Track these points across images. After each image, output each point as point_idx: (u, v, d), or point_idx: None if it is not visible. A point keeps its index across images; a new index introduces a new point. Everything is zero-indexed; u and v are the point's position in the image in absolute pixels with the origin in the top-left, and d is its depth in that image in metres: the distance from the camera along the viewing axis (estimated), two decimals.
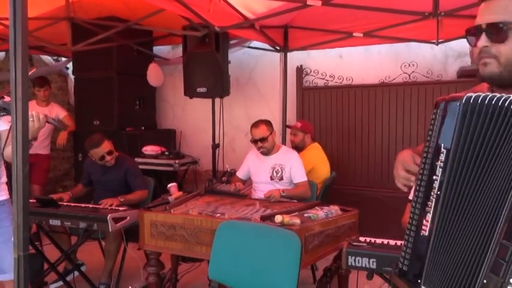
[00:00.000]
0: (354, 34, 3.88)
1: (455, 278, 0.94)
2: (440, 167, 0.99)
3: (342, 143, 4.35)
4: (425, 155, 1.03)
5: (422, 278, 1.02)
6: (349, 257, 1.99)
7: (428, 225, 1.01)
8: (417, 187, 1.04)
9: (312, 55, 4.53)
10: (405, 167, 1.17)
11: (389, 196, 3.99)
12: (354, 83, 4.33)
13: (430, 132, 1.03)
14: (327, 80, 4.46)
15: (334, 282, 2.64)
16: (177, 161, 4.20)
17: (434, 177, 1.01)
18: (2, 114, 2.01)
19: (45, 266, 3.11)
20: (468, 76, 3.67)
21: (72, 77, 4.96)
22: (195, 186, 4.55)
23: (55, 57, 5.31)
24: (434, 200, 1.00)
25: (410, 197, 2.36)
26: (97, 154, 3.14)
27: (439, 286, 0.98)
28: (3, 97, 2.01)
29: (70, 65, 5.11)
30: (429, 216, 1.01)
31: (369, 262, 1.95)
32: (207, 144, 4.64)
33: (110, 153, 3.18)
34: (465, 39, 1.10)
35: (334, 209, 2.50)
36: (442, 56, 4.09)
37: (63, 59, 5.24)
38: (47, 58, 5.29)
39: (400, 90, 4.11)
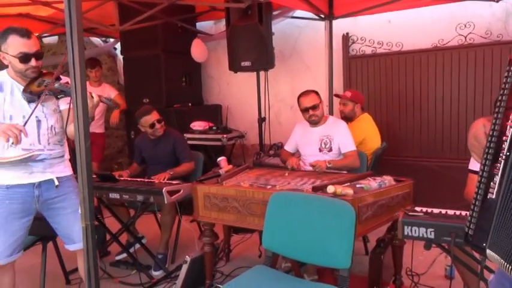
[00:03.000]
0: None
1: None
2: (510, 126, 0.96)
3: (393, 112, 4.19)
4: (495, 115, 1.00)
5: (487, 241, 1.01)
6: (406, 227, 1.94)
7: (496, 187, 0.99)
8: (486, 149, 1.02)
9: (358, 22, 4.35)
10: (477, 139, 1.12)
11: (445, 166, 3.84)
12: (404, 48, 4.12)
13: (502, 91, 0.99)
14: (375, 47, 4.28)
15: (387, 253, 2.60)
16: (224, 136, 4.25)
17: (504, 138, 0.98)
18: (60, 96, 2.12)
19: (108, 237, 3.32)
20: None
21: (120, 57, 5.10)
22: (242, 160, 4.61)
23: (103, 39, 5.47)
24: (503, 161, 0.98)
25: (470, 166, 2.27)
26: (147, 122, 3.27)
27: (505, 249, 0.96)
28: (59, 78, 2.11)
29: (118, 46, 5.27)
30: (497, 179, 0.99)
31: (426, 232, 1.89)
32: (252, 118, 4.66)
33: (159, 121, 3.30)
34: None
35: (388, 179, 2.44)
36: (502, 14, 3.77)
37: (111, 40, 5.39)
38: (96, 40, 5.47)
39: (456, 53, 3.86)
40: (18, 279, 2.30)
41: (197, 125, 4.45)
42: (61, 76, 2.11)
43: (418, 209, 2.04)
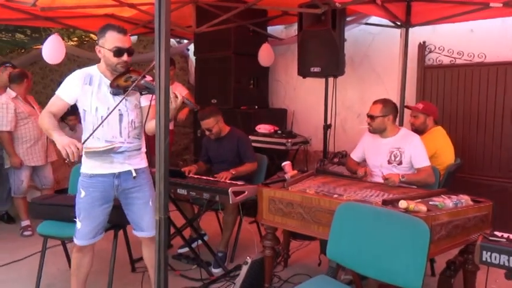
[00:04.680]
0: (491, 4, 3.42)
1: None
2: None
3: (470, 127, 3.93)
4: None
5: None
6: (484, 252, 1.82)
7: None
8: None
9: (436, 30, 4.14)
10: None
11: None
12: (486, 60, 3.86)
13: None
14: (454, 58, 4.05)
15: (457, 277, 2.45)
16: (289, 140, 4.25)
17: None
18: (144, 92, 2.24)
19: (172, 230, 3.44)
20: None
21: (192, 57, 5.30)
22: (305, 166, 4.57)
23: (178, 40, 5.72)
24: None
25: None
26: (201, 125, 3.44)
27: None
28: (144, 76, 2.22)
29: (190, 47, 5.47)
30: None
31: (508, 260, 1.76)
32: (317, 124, 4.61)
33: (209, 130, 3.39)
34: None
35: (465, 199, 2.29)
36: None
37: (185, 41, 5.61)
38: (170, 40, 5.72)
39: None
40: None
41: (262, 128, 4.49)
42: (146, 75, 2.23)
43: (498, 233, 1.90)
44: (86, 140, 2.14)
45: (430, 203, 2.27)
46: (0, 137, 3.80)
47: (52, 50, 4.27)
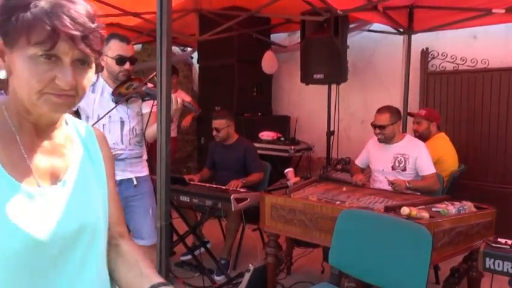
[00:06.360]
0: (494, 11, 3.44)
1: None
2: None
3: (474, 133, 3.92)
4: None
5: None
6: (487, 258, 1.80)
7: None
8: None
9: (439, 36, 4.15)
10: None
11: None
12: (490, 66, 3.85)
13: None
14: (457, 64, 4.04)
15: (462, 284, 2.42)
16: (292, 147, 4.25)
17: None
18: (146, 99, 2.26)
19: (174, 237, 3.44)
20: None
21: (196, 65, 5.32)
22: (308, 173, 4.56)
23: (181, 48, 5.75)
24: None
25: None
26: (212, 123, 3.44)
27: None
28: (146, 83, 2.25)
29: (194, 55, 5.50)
30: None
31: None
32: (321, 131, 4.60)
33: (217, 130, 3.41)
34: None
35: (468, 205, 2.28)
36: None
37: (189, 49, 5.64)
38: (174, 48, 5.76)
39: None
40: None
41: (265, 135, 4.49)
42: (147, 83, 2.25)
43: (502, 240, 1.89)
44: (99, 119, 2.14)
45: (433, 209, 2.25)
46: None
47: None
